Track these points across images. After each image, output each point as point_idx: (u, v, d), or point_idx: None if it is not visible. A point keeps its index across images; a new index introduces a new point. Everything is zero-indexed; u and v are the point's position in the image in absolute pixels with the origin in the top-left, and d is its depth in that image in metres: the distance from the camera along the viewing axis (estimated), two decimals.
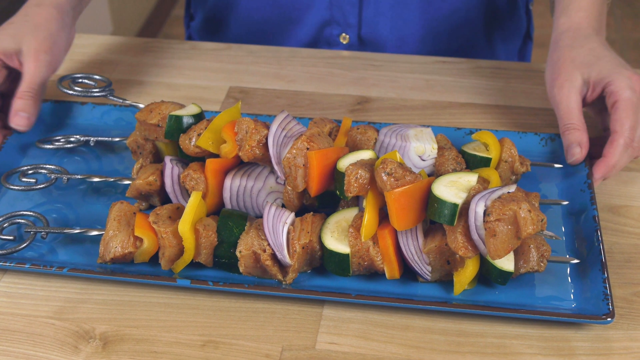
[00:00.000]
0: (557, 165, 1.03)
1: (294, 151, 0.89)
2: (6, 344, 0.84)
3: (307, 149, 0.89)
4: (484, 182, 0.91)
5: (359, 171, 0.87)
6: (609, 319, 0.82)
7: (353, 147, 1.00)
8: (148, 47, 1.35)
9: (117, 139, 1.07)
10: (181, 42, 1.37)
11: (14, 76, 1.11)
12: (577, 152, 0.99)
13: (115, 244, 0.89)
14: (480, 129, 1.06)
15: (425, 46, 1.38)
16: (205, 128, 0.96)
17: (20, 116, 1.05)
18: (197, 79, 1.27)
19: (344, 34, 1.37)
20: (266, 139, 0.92)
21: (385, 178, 0.84)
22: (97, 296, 0.90)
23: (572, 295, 0.88)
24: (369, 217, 0.87)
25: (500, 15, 1.42)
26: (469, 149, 1.00)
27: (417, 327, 0.86)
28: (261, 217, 0.93)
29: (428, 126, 1.04)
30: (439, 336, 0.85)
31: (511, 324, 0.86)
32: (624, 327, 0.86)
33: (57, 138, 1.08)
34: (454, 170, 0.97)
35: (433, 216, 0.84)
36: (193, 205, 0.89)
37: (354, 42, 1.37)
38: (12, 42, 1.07)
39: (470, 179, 0.86)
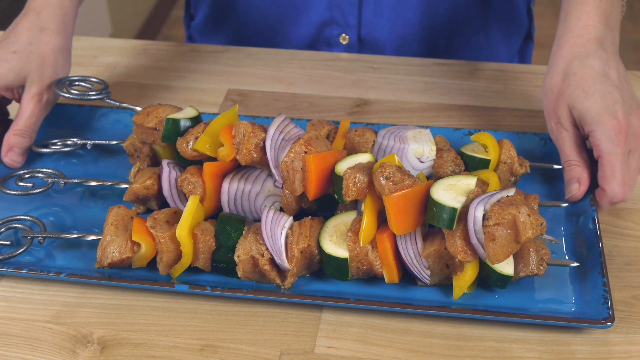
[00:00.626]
0: (556, 166, 1.03)
1: (292, 155, 0.89)
2: (4, 348, 0.84)
3: (305, 152, 0.89)
4: (482, 185, 0.90)
5: (357, 175, 0.86)
6: (608, 323, 0.81)
7: (351, 149, 0.99)
8: (146, 50, 1.35)
9: (114, 142, 1.07)
10: (179, 45, 1.36)
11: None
12: (575, 188, 0.97)
13: (112, 249, 0.88)
14: (479, 130, 1.06)
15: (425, 46, 1.38)
16: (203, 131, 0.95)
17: (15, 152, 1.04)
18: (196, 81, 1.27)
19: (343, 35, 1.37)
20: (264, 142, 0.91)
21: (383, 182, 0.84)
22: (95, 300, 0.89)
23: (572, 299, 0.88)
24: (368, 221, 0.86)
25: (500, 15, 1.41)
26: (468, 150, 0.99)
27: (416, 331, 0.86)
28: (259, 220, 0.93)
29: (426, 127, 1.03)
30: (438, 340, 0.85)
31: (511, 327, 0.86)
32: (624, 331, 0.85)
33: (54, 141, 1.08)
34: (453, 172, 0.96)
35: (432, 220, 0.84)
36: (191, 210, 0.89)
37: (353, 42, 1.37)
38: (15, 79, 1.04)
39: (469, 182, 0.86)
